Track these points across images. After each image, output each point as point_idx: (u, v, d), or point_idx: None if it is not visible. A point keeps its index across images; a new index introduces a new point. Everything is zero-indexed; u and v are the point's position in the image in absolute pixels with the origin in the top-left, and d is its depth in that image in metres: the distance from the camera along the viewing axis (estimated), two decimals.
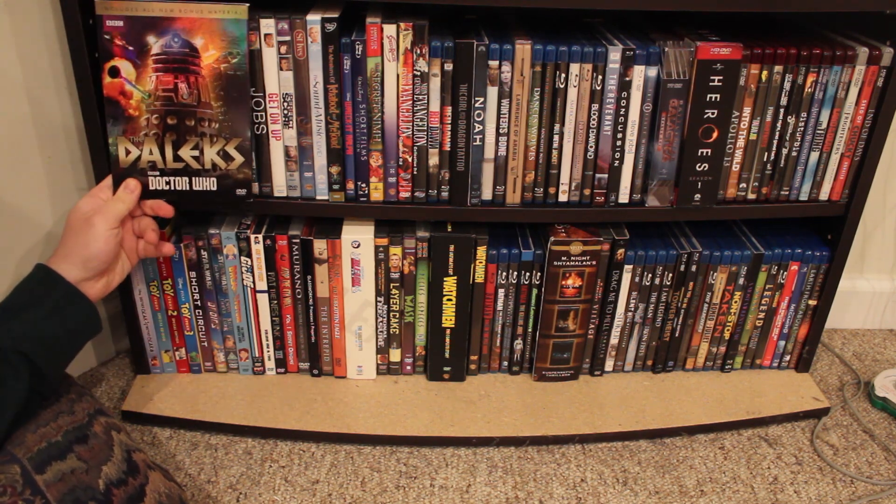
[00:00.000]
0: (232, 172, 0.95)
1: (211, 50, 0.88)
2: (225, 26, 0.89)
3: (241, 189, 0.96)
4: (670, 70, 0.97)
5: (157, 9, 0.87)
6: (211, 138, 0.93)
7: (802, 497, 1.06)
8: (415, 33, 0.93)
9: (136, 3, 0.87)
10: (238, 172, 0.95)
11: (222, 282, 1.10)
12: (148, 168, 0.93)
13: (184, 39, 0.87)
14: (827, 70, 0.99)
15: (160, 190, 0.94)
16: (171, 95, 0.90)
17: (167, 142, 0.92)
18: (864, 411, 1.22)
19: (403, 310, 1.13)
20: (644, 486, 1.06)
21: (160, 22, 0.87)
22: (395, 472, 1.07)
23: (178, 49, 0.88)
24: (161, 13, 0.87)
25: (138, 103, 0.90)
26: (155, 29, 0.88)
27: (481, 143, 1.00)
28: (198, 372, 1.18)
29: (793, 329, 1.20)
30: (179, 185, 0.94)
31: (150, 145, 0.92)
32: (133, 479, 0.67)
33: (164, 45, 0.88)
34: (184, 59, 0.89)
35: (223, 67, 0.89)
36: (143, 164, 0.93)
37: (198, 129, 0.92)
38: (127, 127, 0.92)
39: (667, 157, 1.02)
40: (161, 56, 0.88)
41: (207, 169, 0.94)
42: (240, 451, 1.09)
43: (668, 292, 1.14)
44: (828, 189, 1.08)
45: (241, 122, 0.93)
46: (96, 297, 0.84)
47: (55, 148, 1.07)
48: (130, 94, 0.89)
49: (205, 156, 0.93)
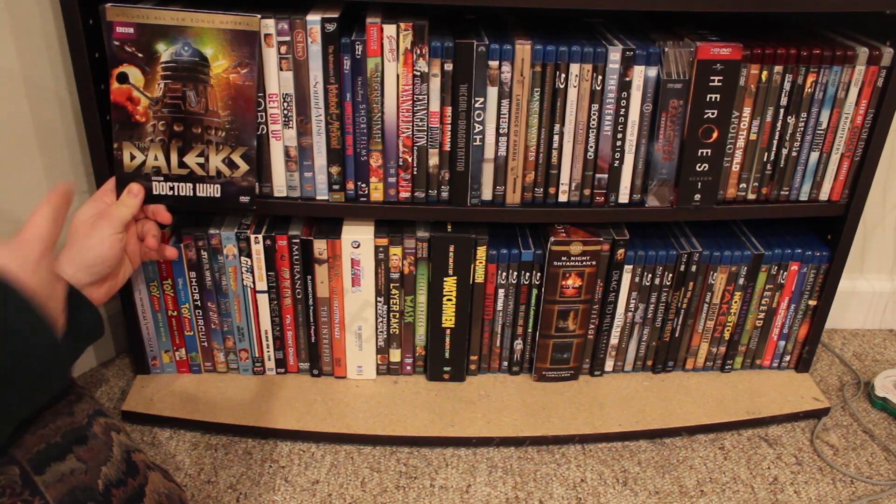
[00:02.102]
0: (236, 180, 0.95)
1: (221, 59, 0.89)
2: (236, 37, 0.89)
3: (244, 196, 0.96)
4: (670, 70, 0.97)
5: (168, 17, 0.87)
6: (217, 146, 0.93)
7: (802, 497, 1.06)
8: (415, 33, 0.93)
9: (148, 11, 0.87)
10: (242, 180, 0.95)
11: (222, 282, 1.10)
12: (152, 173, 0.93)
13: (194, 48, 0.87)
14: (827, 70, 0.99)
15: (163, 195, 0.94)
16: (179, 103, 0.91)
17: (173, 148, 0.92)
18: (864, 411, 1.22)
19: (403, 310, 1.13)
20: (644, 486, 1.06)
21: (171, 30, 0.88)
22: (395, 473, 1.07)
23: (189, 58, 0.88)
24: (173, 22, 0.87)
25: (145, 109, 0.90)
26: (166, 37, 0.88)
27: (481, 144, 1.00)
28: (198, 372, 1.18)
29: (793, 329, 1.20)
30: (183, 190, 0.94)
31: (155, 151, 0.92)
32: (132, 480, 0.67)
33: (174, 53, 0.88)
34: (193, 68, 0.89)
35: (232, 77, 0.90)
36: (148, 169, 0.93)
37: (204, 137, 0.92)
38: (133, 132, 0.92)
39: (667, 157, 1.02)
40: (170, 64, 0.88)
41: (212, 176, 0.95)
42: (240, 451, 1.09)
43: (668, 292, 1.14)
44: (828, 189, 1.08)
45: (247, 132, 0.94)
46: (100, 302, 0.83)
47: (55, 149, 1.07)
48: (138, 100, 0.90)
49: (210, 163, 0.93)
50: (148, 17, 0.86)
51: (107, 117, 0.98)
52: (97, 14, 0.91)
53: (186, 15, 0.87)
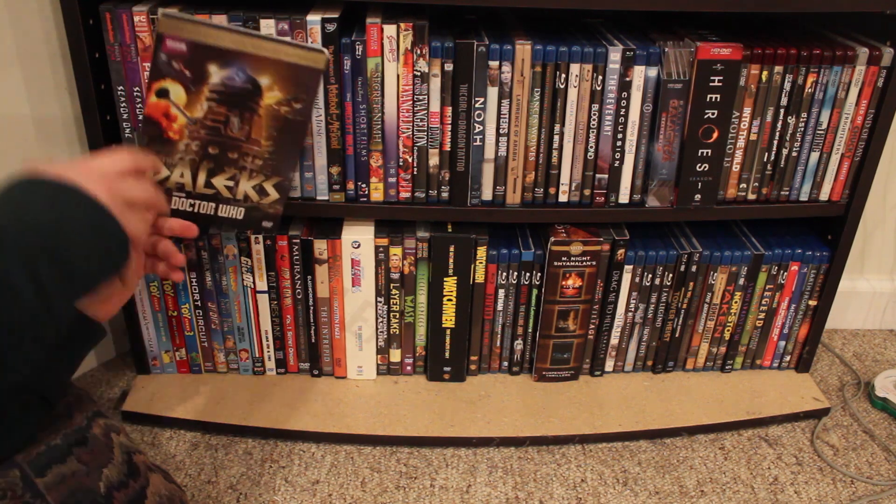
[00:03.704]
0: (263, 206, 0.91)
1: (276, 91, 0.82)
2: (298, 71, 0.83)
3: (267, 222, 0.93)
4: (670, 70, 0.97)
5: (228, 40, 0.80)
6: (250, 172, 0.88)
7: (803, 497, 1.06)
8: (415, 33, 0.93)
9: (207, 30, 0.80)
10: (270, 207, 0.92)
11: (222, 282, 1.10)
12: (174, 188, 0.89)
13: (249, 76, 0.81)
14: (827, 70, 0.99)
15: (181, 210, 0.90)
16: (220, 127, 0.85)
17: (203, 168, 0.87)
18: (864, 412, 1.22)
19: (403, 310, 1.13)
20: (644, 486, 1.06)
21: (228, 54, 0.81)
22: (395, 473, 1.07)
23: (241, 84, 0.82)
24: (232, 45, 0.80)
25: (181, 128, 0.84)
26: (220, 59, 0.81)
27: (481, 144, 1.00)
28: (198, 372, 1.18)
29: (793, 329, 1.20)
30: (204, 209, 0.90)
31: (182, 168, 0.88)
32: (134, 482, 0.67)
33: (226, 77, 0.81)
34: (244, 95, 0.82)
35: (283, 110, 0.84)
36: (171, 184, 0.89)
37: (239, 163, 0.87)
38: (163, 148, 0.87)
39: (667, 157, 1.02)
40: (220, 88, 0.81)
41: (238, 199, 0.90)
42: (240, 451, 1.09)
43: (668, 292, 1.14)
44: (828, 189, 1.08)
45: (288, 164, 0.89)
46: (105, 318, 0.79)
47: (55, 149, 1.07)
48: (175, 117, 0.83)
49: (239, 187, 0.88)
50: (207, 36, 0.79)
51: (107, 117, 0.98)
52: (97, 14, 0.91)
53: (248, 41, 0.81)
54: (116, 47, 0.93)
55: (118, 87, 0.95)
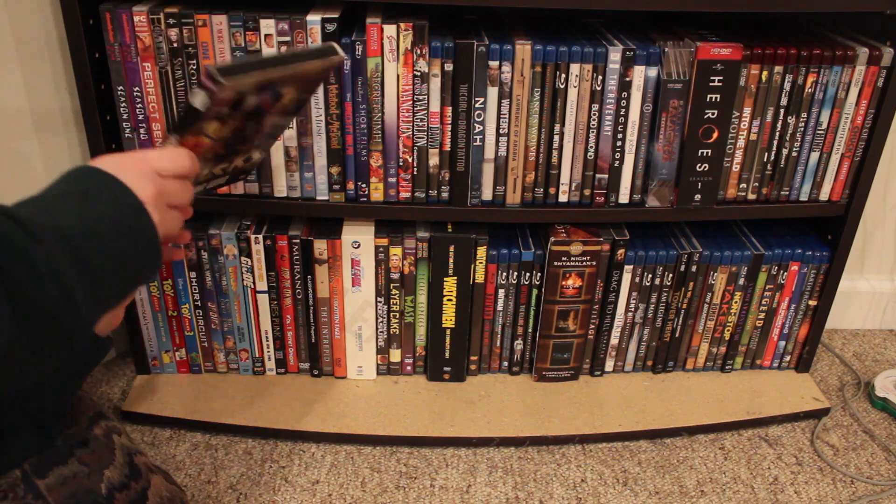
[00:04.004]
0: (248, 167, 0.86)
1: (292, 93, 0.78)
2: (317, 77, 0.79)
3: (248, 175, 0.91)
4: (670, 70, 0.97)
5: (275, 73, 0.72)
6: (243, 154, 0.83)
7: (803, 497, 1.06)
8: (415, 33, 0.93)
9: (262, 73, 0.71)
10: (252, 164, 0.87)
11: (222, 282, 1.10)
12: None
13: (277, 91, 0.76)
14: (827, 70, 0.99)
15: None
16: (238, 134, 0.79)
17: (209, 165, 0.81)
18: (864, 412, 1.22)
19: (403, 310, 1.13)
20: (644, 486, 1.06)
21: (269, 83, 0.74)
22: (395, 473, 1.07)
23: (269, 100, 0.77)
24: (276, 75, 0.73)
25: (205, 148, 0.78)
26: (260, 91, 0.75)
27: (481, 144, 1.00)
28: (198, 372, 1.18)
29: (793, 329, 1.20)
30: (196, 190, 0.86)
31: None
32: (135, 483, 0.67)
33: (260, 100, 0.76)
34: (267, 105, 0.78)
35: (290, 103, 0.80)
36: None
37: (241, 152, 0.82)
38: None
39: (667, 157, 1.02)
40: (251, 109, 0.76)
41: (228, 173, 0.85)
42: (240, 451, 1.09)
43: (668, 292, 1.14)
44: (828, 189, 1.08)
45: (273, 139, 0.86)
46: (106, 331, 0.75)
47: (55, 149, 1.07)
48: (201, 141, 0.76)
49: (231, 165, 0.83)
50: (258, 78, 0.71)
51: (107, 117, 0.98)
52: (97, 14, 0.91)
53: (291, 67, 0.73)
54: (116, 47, 0.93)
55: (118, 87, 0.95)
